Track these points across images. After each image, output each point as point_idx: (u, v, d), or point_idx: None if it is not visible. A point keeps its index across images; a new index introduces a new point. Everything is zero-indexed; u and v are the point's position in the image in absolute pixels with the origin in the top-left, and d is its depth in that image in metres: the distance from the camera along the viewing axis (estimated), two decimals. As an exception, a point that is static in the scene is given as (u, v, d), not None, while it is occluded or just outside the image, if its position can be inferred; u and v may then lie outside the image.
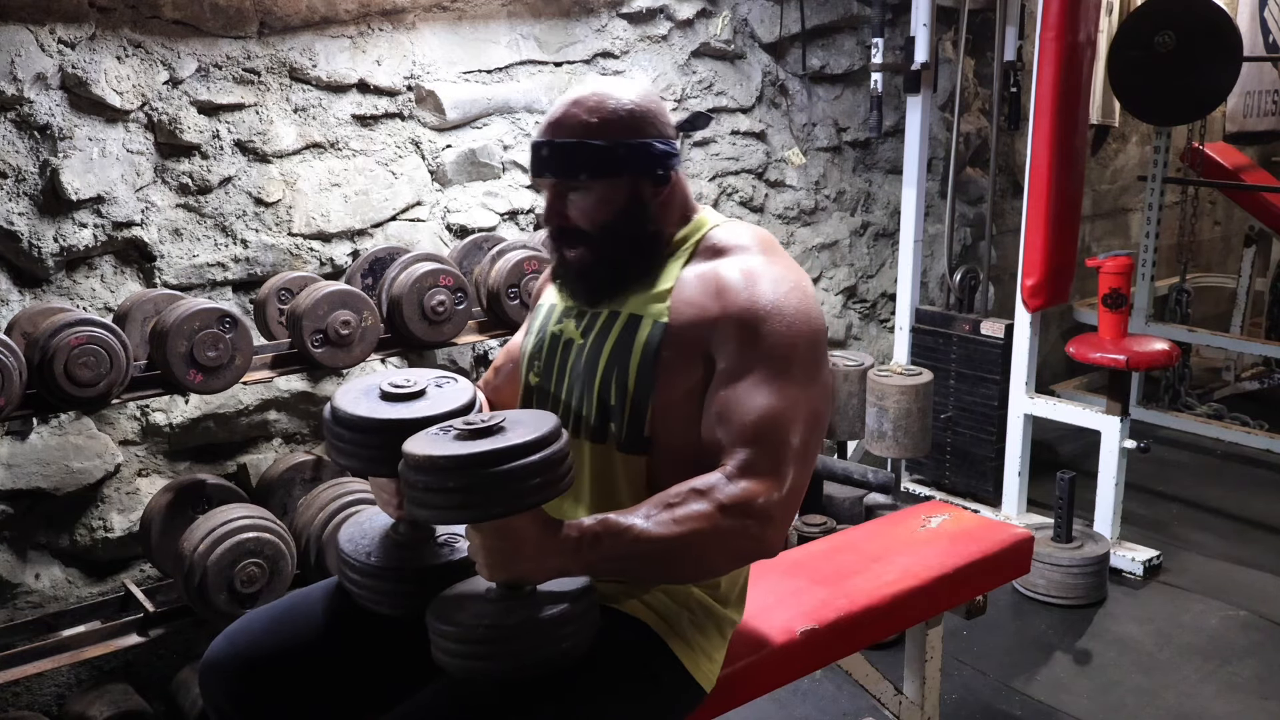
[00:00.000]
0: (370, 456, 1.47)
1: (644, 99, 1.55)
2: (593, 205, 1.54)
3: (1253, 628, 3.07)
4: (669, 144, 1.56)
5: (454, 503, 1.31)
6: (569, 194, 1.55)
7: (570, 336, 1.62)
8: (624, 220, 1.54)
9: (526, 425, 1.38)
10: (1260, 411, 4.61)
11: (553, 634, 1.36)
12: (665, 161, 1.55)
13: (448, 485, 1.30)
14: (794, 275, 1.54)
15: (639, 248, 1.57)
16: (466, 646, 1.36)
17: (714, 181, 3.60)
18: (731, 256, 1.55)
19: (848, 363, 3.36)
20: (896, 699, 2.21)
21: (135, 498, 2.57)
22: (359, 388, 1.56)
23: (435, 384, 1.56)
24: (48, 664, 2.15)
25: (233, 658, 1.58)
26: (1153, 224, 4.51)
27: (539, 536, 1.36)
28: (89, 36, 2.36)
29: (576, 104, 1.53)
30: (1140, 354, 3.36)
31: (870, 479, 3.16)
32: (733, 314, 1.48)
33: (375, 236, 2.85)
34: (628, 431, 1.53)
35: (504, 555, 1.36)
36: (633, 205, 1.54)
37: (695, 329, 1.50)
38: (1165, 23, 3.91)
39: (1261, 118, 5.73)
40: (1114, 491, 3.37)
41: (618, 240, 1.55)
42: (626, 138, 1.51)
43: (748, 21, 3.57)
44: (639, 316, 1.54)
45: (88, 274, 2.47)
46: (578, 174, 1.52)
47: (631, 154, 1.52)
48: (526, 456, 1.32)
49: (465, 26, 2.93)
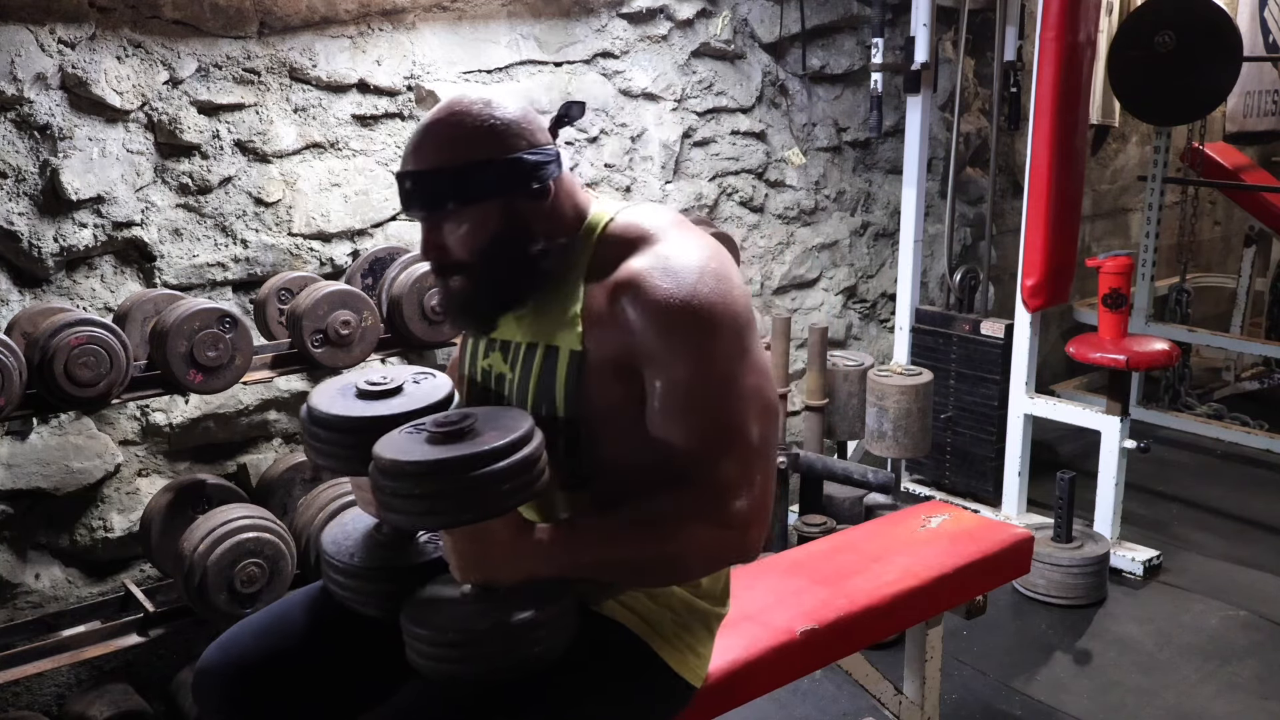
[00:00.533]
0: (346, 456, 1.44)
1: (504, 110, 1.43)
2: (468, 233, 1.43)
3: (1253, 628, 3.07)
4: (541, 151, 1.44)
5: (423, 509, 1.30)
6: (443, 225, 1.44)
7: (500, 370, 1.55)
8: (504, 244, 1.44)
9: (499, 427, 1.35)
10: (1260, 411, 4.60)
11: (525, 637, 1.35)
12: (539, 172, 1.43)
13: (415, 491, 1.29)
14: (701, 257, 1.41)
15: (525, 268, 1.46)
16: (439, 649, 1.36)
17: (714, 181, 3.60)
18: (635, 255, 1.43)
19: (848, 363, 3.36)
20: (896, 699, 2.21)
21: (135, 498, 2.57)
22: (336, 386, 1.54)
23: (413, 380, 1.53)
24: (48, 664, 2.16)
25: (224, 666, 1.57)
26: (1153, 224, 4.51)
27: (511, 539, 1.35)
28: (89, 36, 2.36)
29: (433, 128, 1.43)
30: (1140, 354, 3.36)
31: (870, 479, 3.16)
32: (648, 321, 1.38)
33: (375, 236, 2.85)
34: (567, 468, 1.46)
35: (475, 558, 1.36)
36: (511, 226, 1.43)
37: (614, 348, 1.41)
38: (1165, 23, 3.91)
39: (1261, 118, 5.72)
40: (1114, 491, 3.37)
41: (500, 265, 1.44)
42: (491, 156, 1.40)
43: (748, 21, 3.57)
44: (555, 348, 1.46)
45: (88, 274, 2.47)
46: (444, 204, 1.41)
47: (500, 172, 1.40)
48: (497, 462, 1.29)
49: (465, 26, 2.93)
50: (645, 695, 1.56)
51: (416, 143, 1.43)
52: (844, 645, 1.98)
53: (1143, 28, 3.98)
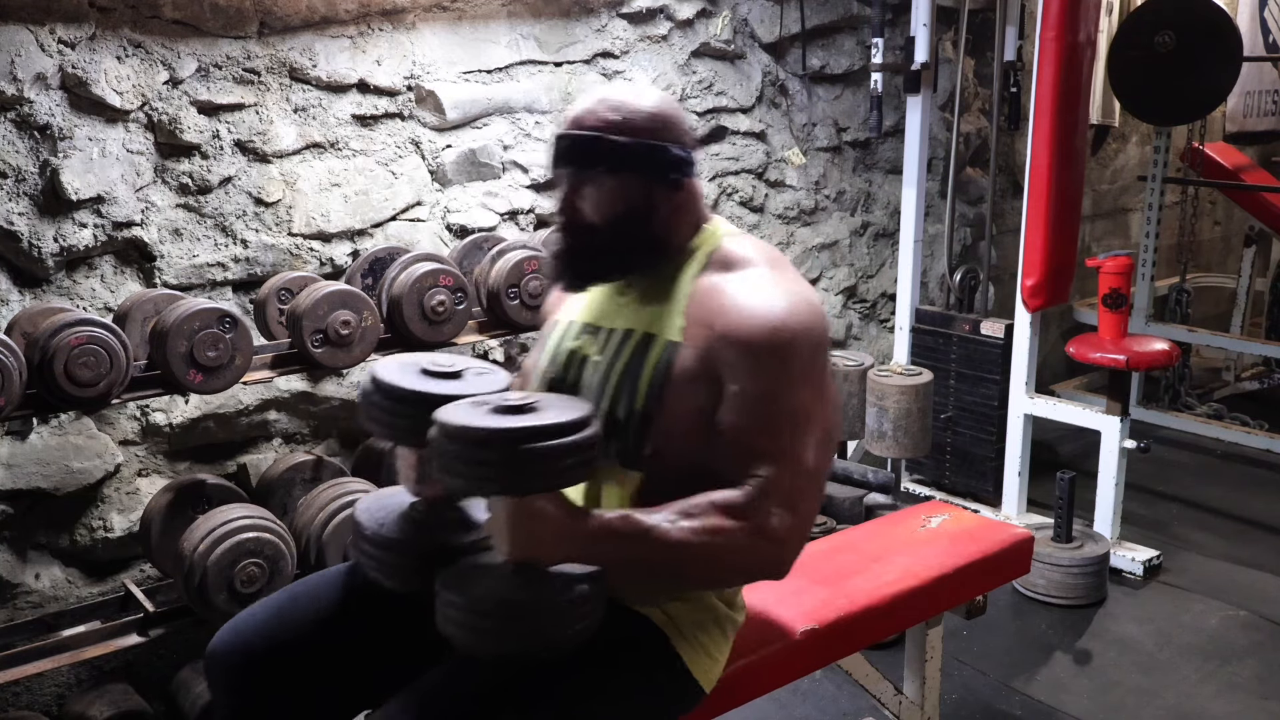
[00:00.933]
0: (403, 427, 1.50)
1: (665, 105, 1.59)
2: (605, 198, 1.56)
3: (1253, 628, 3.07)
4: (684, 150, 1.59)
5: (484, 475, 1.34)
6: (583, 187, 1.57)
7: (587, 353, 1.63)
8: (631, 218, 1.57)
9: (559, 408, 1.40)
10: (1260, 411, 4.60)
11: (563, 616, 1.38)
12: (680, 167, 1.58)
13: (480, 457, 1.32)
14: (798, 290, 1.54)
15: (641, 245, 1.58)
16: (476, 619, 1.37)
17: (714, 181, 3.60)
18: (738, 272, 1.56)
19: (848, 363, 3.36)
20: (896, 699, 2.21)
21: (135, 498, 2.57)
22: (399, 362, 1.59)
23: (474, 371, 1.59)
24: (48, 664, 2.15)
25: (236, 646, 1.59)
26: (1153, 224, 4.51)
27: (562, 520, 1.39)
28: (89, 36, 2.36)
29: (600, 102, 1.57)
30: (1140, 354, 3.36)
31: (870, 479, 3.16)
32: (740, 335, 1.49)
33: (375, 236, 2.85)
34: (631, 447, 1.53)
35: (525, 534, 1.38)
36: (644, 204, 1.57)
37: (704, 351, 1.51)
38: (1165, 23, 3.91)
39: (1261, 118, 5.73)
40: (1114, 491, 3.37)
41: (621, 235, 1.57)
42: (644, 138, 1.54)
43: (748, 21, 3.57)
44: (653, 335, 1.56)
45: (88, 274, 2.47)
46: (594, 166, 1.55)
47: (648, 154, 1.55)
48: (562, 437, 1.34)
49: (465, 26, 2.93)
50: (660, 692, 1.58)
51: (581, 112, 1.57)
52: (844, 645, 1.98)
53: (1143, 28, 3.98)
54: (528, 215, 3.14)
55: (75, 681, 2.46)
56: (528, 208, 3.13)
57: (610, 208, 1.56)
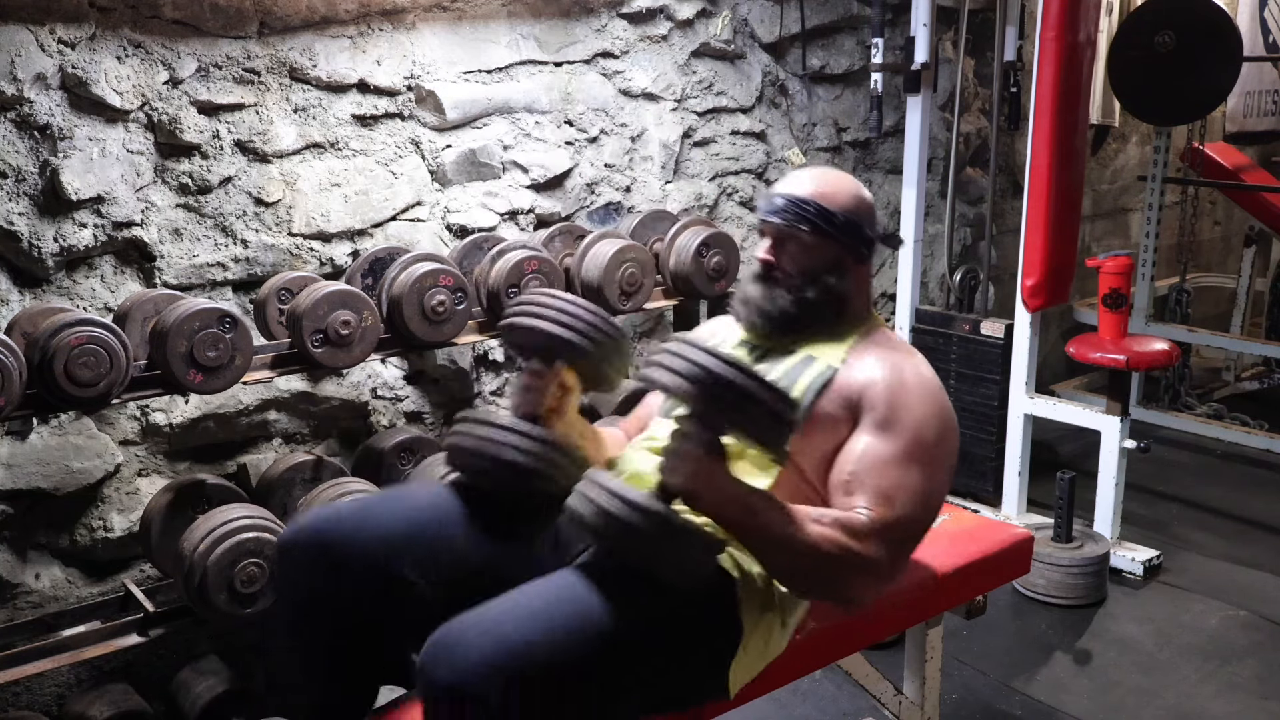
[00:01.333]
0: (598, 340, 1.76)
1: (865, 195, 1.86)
2: (803, 255, 1.81)
3: (1253, 628, 3.07)
4: (873, 234, 1.85)
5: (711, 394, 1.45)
6: (788, 242, 1.82)
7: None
8: (821, 276, 1.81)
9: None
10: (1260, 411, 4.60)
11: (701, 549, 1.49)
12: (866, 246, 1.85)
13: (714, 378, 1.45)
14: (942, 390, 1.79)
15: (824, 299, 1.82)
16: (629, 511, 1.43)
17: (714, 181, 3.60)
18: (897, 349, 1.82)
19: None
20: (896, 699, 2.21)
21: (135, 498, 2.57)
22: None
23: None
24: (48, 664, 2.15)
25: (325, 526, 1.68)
26: (1153, 224, 4.51)
27: (729, 475, 1.54)
28: (89, 36, 2.36)
29: (816, 177, 1.85)
30: (1140, 354, 3.36)
31: (870, 479, 3.15)
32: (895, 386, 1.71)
33: (375, 236, 2.85)
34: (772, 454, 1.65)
35: (699, 470, 1.50)
36: (832, 268, 1.82)
37: (858, 387, 1.72)
38: (1165, 23, 3.91)
39: (1261, 118, 5.73)
40: (1114, 491, 3.37)
41: (811, 288, 1.81)
42: (847, 215, 1.81)
43: (748, 21, 3.57)
44: (814, 358, 1.78)
45: (88, 274, 2.47)
46: (801, 225, 1.79)
47: (848, 226, 1.80)
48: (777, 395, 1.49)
49: (465, 26, 2.93)
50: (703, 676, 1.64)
51: (800, 178, 1.85)
52: (844, 645, 1.99)
53: (1143, 28, 3.98)
54: (528, 215, 3.14)
55: (75, 681, 2.46)
56: (528, 208, 3.13)
57: (808, 262, 1.81)
